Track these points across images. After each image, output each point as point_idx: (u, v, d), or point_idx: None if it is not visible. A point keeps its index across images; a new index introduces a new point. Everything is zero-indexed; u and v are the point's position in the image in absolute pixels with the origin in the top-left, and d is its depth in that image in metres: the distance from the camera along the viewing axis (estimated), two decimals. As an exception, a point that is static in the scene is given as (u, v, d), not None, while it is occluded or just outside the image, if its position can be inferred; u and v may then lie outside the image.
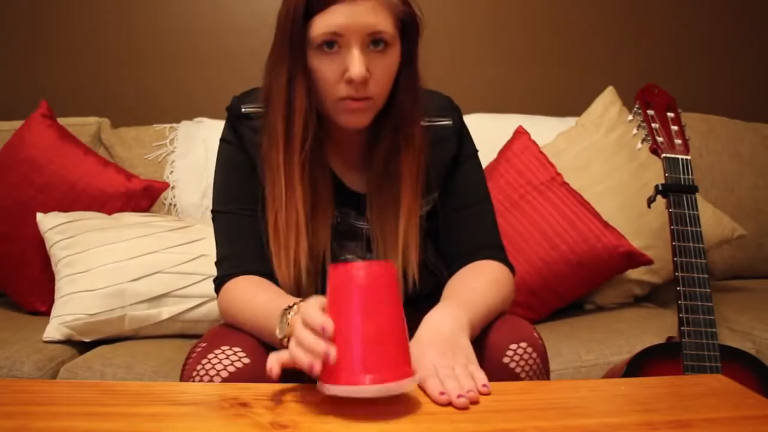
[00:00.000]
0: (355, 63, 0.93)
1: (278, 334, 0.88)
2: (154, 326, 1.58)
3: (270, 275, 1.05)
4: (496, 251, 1.11)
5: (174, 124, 2.07)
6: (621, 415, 0.77)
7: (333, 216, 1.07)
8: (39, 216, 1.69)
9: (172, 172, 1.98)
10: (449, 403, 0.76)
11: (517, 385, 0.88)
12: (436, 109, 1.11)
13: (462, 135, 1.14)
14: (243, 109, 1.07)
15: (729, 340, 1.47)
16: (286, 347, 0.85)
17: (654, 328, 1.53)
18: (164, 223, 1.71)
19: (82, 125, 2.05)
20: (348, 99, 0.96)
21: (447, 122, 1.11)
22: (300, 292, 1.04)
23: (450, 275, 1.10)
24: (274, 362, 0.77)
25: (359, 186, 1.10)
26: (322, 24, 0.93)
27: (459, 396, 0.76)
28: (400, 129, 1.04)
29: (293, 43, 0.96)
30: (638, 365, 1.28)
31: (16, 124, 1.89)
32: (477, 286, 1.02)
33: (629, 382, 0.95)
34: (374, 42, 0.95)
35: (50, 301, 1.73)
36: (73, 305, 1.55)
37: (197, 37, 2.26)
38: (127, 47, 2.26)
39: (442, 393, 0.77)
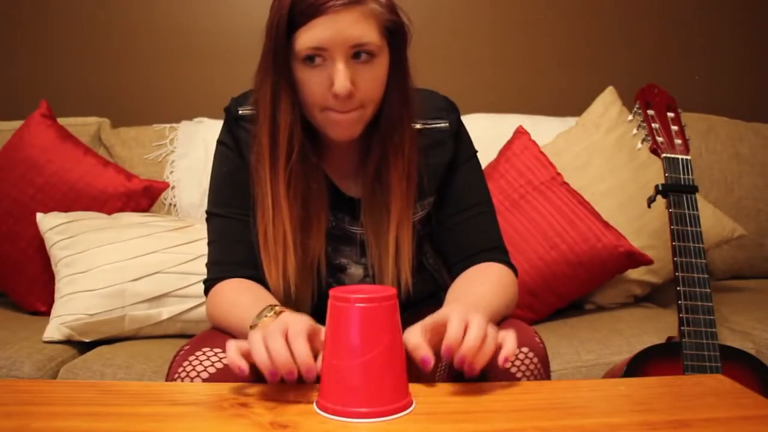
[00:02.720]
0: (340, 77, 0.92)
1: (254, 320, 0.90)
2: (154, 326, 1.58)
3: (260, 280, 1.05)
4: (498, 253, 1.10)
5: (174, 124, 2.07)
6: (621, 415, 0.77)
7: (327, 221, 1.06)
8: (39, 216, 1.69)
9: (172, 172, 1.98)
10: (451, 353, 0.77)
11: (517, 385, 0.88)
12: (433, 110, 1.09)
13: (459, 137, 1.11)
14: (240, 112, 1.07)
15: (729, 340, 1.47)
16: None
17: (654, 328, 1.53)
18: (164, 223, 1.71)
19: (82, 125, 2.05)
20: (334, 111, 0.96)
21: (443, 125, 1.09)
22: (290, 301, 1.04)
23: (452, 278, 1.09)
24: (238, 359, 0.78)
25: (354, 191, 1.09)
26: (306, 38, 0.91)
27: (461, 358, 0.77)
28: (389, 138, 1.02)
29: (277, 55, 0.94)
30: (638, 365, 1.27)
31: (16, 124, 1.89)
32: (481, 290, 1.01)
33: (629, 382, 0.95)
34: (359, 54, 0.93)
35: (50, 301, 1.73)
36: (73, 305, 1.55)
37: (197, 37, 2.26)
38: (127, 47, 2.26)
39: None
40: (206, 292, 1.08)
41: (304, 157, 1.01)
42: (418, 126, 1.06)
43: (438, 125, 1.08)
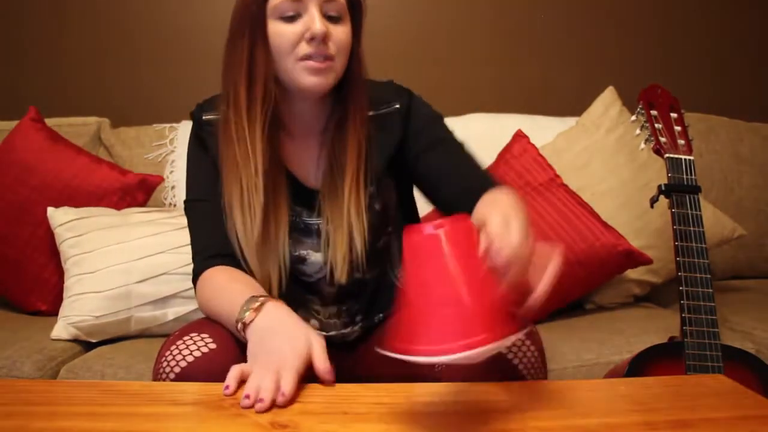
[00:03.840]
0: (316, 20, 0.99)
1: (237, 315, 0.92)
2: (160, 326, 1.59)
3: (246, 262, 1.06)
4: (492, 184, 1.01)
5: (174, 124, 2.07)
6: (621, 415, 0.77)
7: (289, 214, 1.08)
8: (50, 210, 1.69)
9: (172, 171, 1.98)
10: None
11: (517, 385, 0.88)
12: (384, 97, 1.13)
13: (410, 115, 1.12)
14: (204, 117, 1.12)
15: (729, 340, 1.47)
16: (243, 335, 0.91)
17: (654, 327, 1.53)
18: (171, 220, 1.70)
19: (82, 125, 2.05)
20: (310, 59, 1.00)
21: (395, 106, 1.12)
22: (263, 258, 1.05)
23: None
24: (233, 381, 0.81)
25: (313, 183, 1.11)
26: None
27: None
28: (350, 101, 1.07)
29: (254, 17, 1.01)
30: (640, 365, 1.27)
31: (14, 124, 1.88)
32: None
33: (629, 382, 0.95)
34: (329, 17, 1.01)
35: (50, 300, 1.73)
36: (80, 306, 1.55)
37: (197, 36, 2.26)
38: (127, 47, 2.26)
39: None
40: (195, 279, 1.09)
41: (274, 139, 1.05)
42: (370, 113, 1.10)
43: (388, 110, 1.12)
